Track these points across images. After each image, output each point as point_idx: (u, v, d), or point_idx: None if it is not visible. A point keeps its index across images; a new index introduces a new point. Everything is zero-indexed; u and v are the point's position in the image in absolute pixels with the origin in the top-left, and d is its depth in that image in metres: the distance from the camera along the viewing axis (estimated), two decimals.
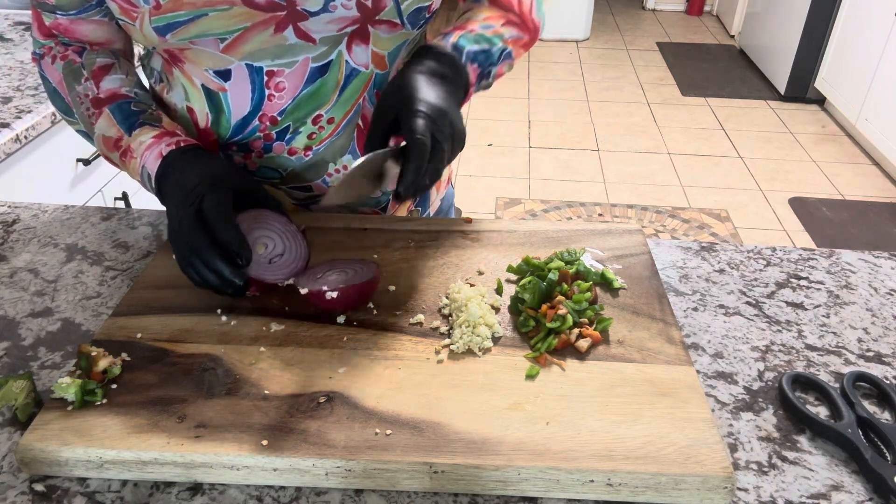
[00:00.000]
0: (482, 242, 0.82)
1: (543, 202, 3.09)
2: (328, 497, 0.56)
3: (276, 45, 0.74)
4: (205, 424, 0.57)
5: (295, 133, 0.80)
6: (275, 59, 0.75)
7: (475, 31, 0.79)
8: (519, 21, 0.85)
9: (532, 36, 0.87)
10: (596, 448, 0.55)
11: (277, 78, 0.76)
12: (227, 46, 0.73)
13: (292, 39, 0.74)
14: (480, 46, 0.79)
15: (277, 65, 0.76)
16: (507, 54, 0.83)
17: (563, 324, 0.66)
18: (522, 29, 0.85)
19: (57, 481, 0.57)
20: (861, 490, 0.56)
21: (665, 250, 0.86)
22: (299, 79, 0.77)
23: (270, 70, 0.76)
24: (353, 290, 0.68)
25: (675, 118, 3.93)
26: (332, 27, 0.74)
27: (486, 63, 0.80)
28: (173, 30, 0.71)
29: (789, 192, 3.19)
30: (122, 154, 0.77)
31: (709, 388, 0.66)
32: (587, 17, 5.06)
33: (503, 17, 0.83)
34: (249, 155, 0.82)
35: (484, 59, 0.79)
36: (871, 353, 0.71)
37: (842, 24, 3.69)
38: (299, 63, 0.76)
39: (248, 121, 0.79)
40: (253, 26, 0.72)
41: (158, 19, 0.70)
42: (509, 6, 0.84)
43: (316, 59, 0.76)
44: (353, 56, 0.78)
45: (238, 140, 0.81)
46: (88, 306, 0.76)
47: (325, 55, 0.76)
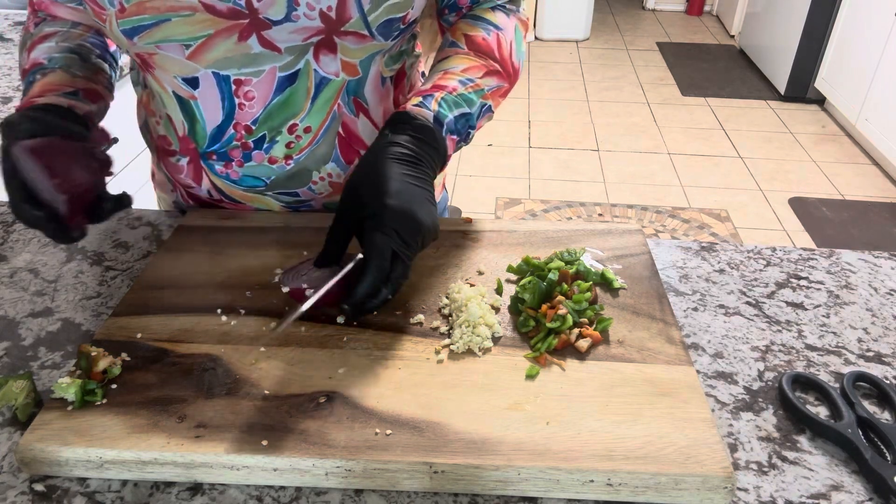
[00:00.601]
0: (482, 242, 0.82)
1: (543, 202, 3.09)
2: (328, 497, 0.56)
3: (242, 53, 0.73)
4: (205, 424, 0.57)
5: (272, 142, 0.80)
6: (241, 67, 0.74)
7: (456, 90, 0.75)
8: (500, 69, 0.81)
9: (512, 82, 0.83)
10: (596, 448, 0.55)
11: (246, 87, 0.75)
12: (192, 53, 0.73)
13: (257, 48, 0.73)
14: (461, 111, 0.75)
15: (244, 73, 0.75)
16: (487, 109, 0.80)
17: (563, 324, 0.66)
18: (503, 77, 0.81)
19: (57, 481, 0.57)
20: (861, 490, 0.56)
21: (665, 250, 0.86)
22: (268, 88, 0.76)
23: (238, 79, 0.75)
24: (333, 288, 0.65)
25: (675, 118, 3.93)
26: (296, 37, 0.72)
27: (466, 128, 0.76)
28: (139, 33, 0.71)
29: (789, 192, 3.19)
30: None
31: (709, 388, 0.66)
32: (587, 17, 5.06)
33: (483, 66, 0.79)
34: (230, 164, 0.82)
35: (463, 124, 0.76)
36: (871, 353, 0.71)
37: (842, 24, 3.69)
38: (266, 72, 0.75)
39: (223, 129, 0.79)
40: (216, 34, 0.71)
41: (124, 22, 0.70)
42: (489, 52, 0.80)
43: (283, 69, 0.75)
44: (321, 65, 0.76)
45: (216, 149, 0.81)
46: (88, 306, 0.76)
47: (292, 64, 0.75)
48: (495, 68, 0.80)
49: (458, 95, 0.75)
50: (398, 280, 0.64)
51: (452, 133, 0.75)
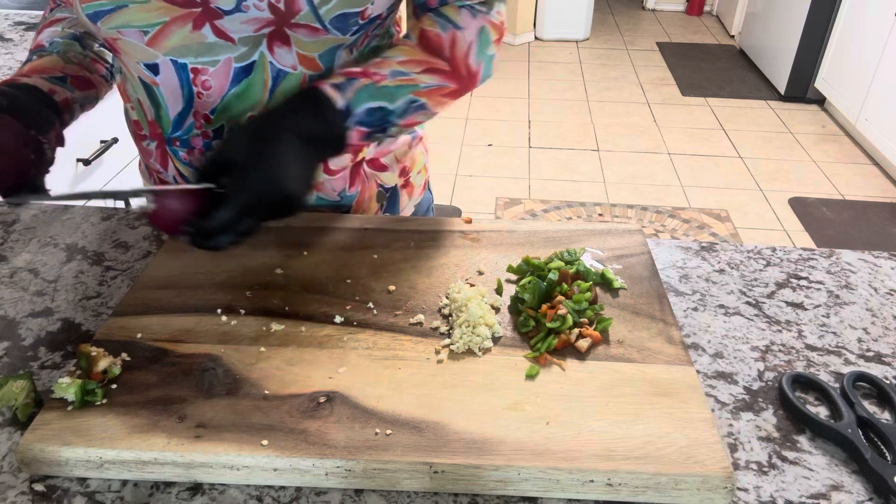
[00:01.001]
0: (482, 242, 0.82)
1: (543, 202, 3.09)
2: (328, 497, 0.56)
3: (198, 42, 0.73)
4: (205, 424, 0.57)
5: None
6: (198, 56, 0.75)
7: (382, 80, 0.73)
8: (447, 68, 0.77)
9: (464, 83, 0.80)
10: (596, 448, 0.55)
11: (203, 76, 0.76)
12: (151, 40, 0.74)
13: (211, 38, 0.73)
14: (377, 104, 0.73)
15: (201, 62, 0.75)
16: (419, 106, 0.76)
17: (563, 324, 0.66)
18: (449, 76, 0.78)
19: (57, 481, 0.57)
20: (861, 490, 0.56)
21: (665, 250, 0.86)
22: (224, 78, 0.76)
23: (195, 67, 0.75)
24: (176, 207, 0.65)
25: (675, 118, 3.93)
26: (247, 27, 0.72)
27: (381, 122, 0.74)
28: (101, 18, 0.72)
29: (789, 192, 3.19)
30: None
31: (709, 388, 0.66)
32: (587, 17, 5.06)
33: (426, 63, 0.76)
34: (192, 151, 0.82)
35: (378, 118, 0.74)
36: (871, 353, 0.71)
37: (842, 24, 3.69)
38: (222, 62, 0.75)
39: (183, 117, 0.79)
40: (172, 21, 0.72)
41: (87, 7, 0.72)
42: (437, 49, 0.77)
43: (238, 59, 0.75)
44: (276, 57, 0.75)
45: (179, 136, 0.81)
46: (88, 306, 0.76)
47: (247, 56, 0.75)
48: (439, 66, 0.77)
49: (381, 87, 0.73)
50: (242, 232, 0.66)
51: (362, 124, 0.73)
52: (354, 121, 0.72)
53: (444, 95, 0.79)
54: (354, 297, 0.73)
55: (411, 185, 0.99)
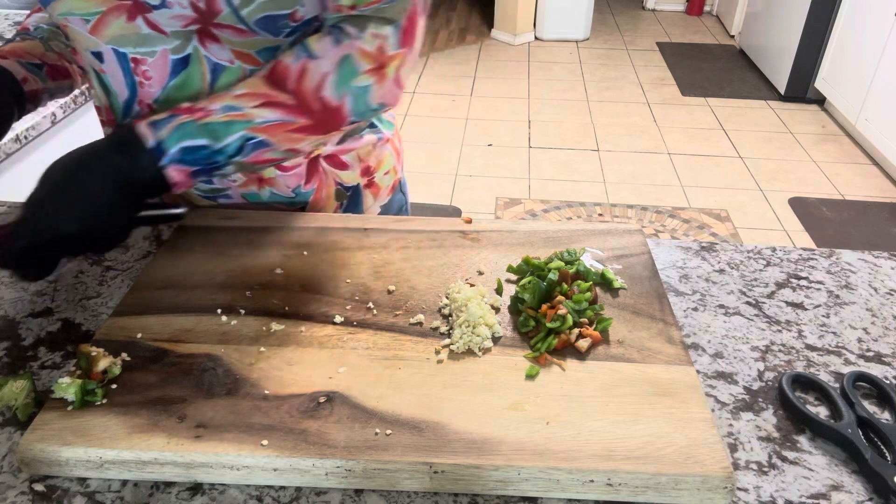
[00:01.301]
0: (482, 242, 0.82)
1: (543, 202, 3.09)
2: (328, 497, 0.56)
3: (134, 33, 0.74)
4: (205, 424, 0.57)
5: None
6: (136, 46, 0.75)
7: (205, 118, 0.69)
8: (291, 102, 0.71)
9: (320, 119, 0.73)
10: (596, 448, 0.55)
11: (143, 66, 0.76)
12: (93, 28, 0.74)
13: (145, 29, 0.73)
14: (197, 142, 0.69)
15: (140, 53, 0.75)
16: (257, 144, 0.71)
17: (563, 324, 0.66)
18: (295, 111, 0.72)
19: (57, 481, 0.57)
20: (861, 490, 0.56)
21: (665, 250, 0.86)
22: (163, 69, 0.76)
23: (135, 57, 0.76)
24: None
25: (675, 118, 3.93)
26: (175, 23, 0.73)
27: (207, 160, 0.70)
28: (49, 3, 0.73)
29: (789, 192, 3.19)
30: None
31: (709, 388, 0.66)
32: (587, 17, 5.06)
33: (264, 96, 0.71)
34: None
35: (203, 156, 0.70)
36: (871, 353, 0.71)
37: (842, 24, 3.69)
38: (159, 53, 0.75)
39: (130, 105, 0.80)
40: (108, 11, 0.73)
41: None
42: (280, 81, 0.71)
43: (174, 52, 0.75)
44: (210, 52, 0.75)
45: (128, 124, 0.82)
46: (88, 306, 0.76)
47: (182, 48, 0.75)
48: (280, 100, 0.71)
49: (204, 124, 0.69)
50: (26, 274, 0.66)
51: (182, 163, 0.69)
52: (170, 160, 0.69)
53: (295, 131, 0.73)
54: (354, 297, 0.73)
55: (376, 186, 0.98)
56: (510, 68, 4.60)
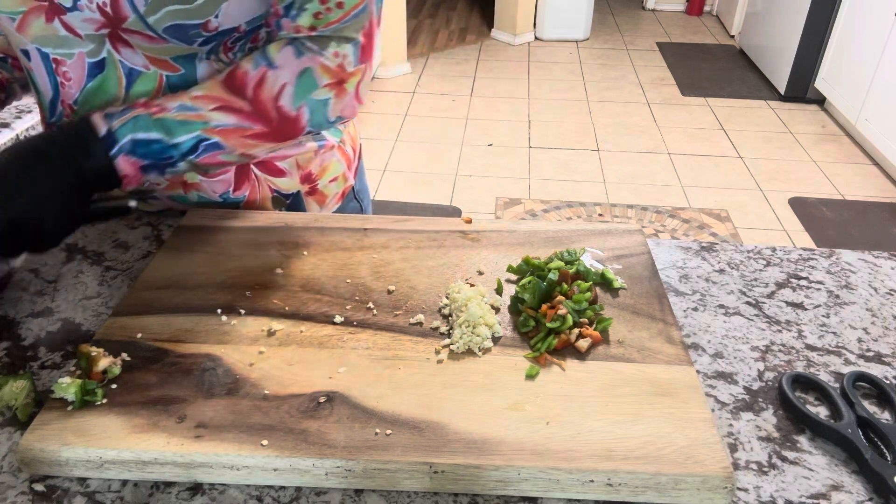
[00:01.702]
0: (482, 242, 0.82)
1: (543, 202, 3.09)
2: (328, 497, 0.56)
3: (53, 34, 0.74)
4: (205, 424, 0.57)
5: None
6: (56, 47, 0.75)
7: (162, 112, 0.70)
8: (247, 108, 0.72)
9: (276, 127, 0.74)
10: (596, 448, 0.55)
11: (63, 67, 0.77)
12: (18, 26, 0.75)
13: (62, 31, 0.74)
14: (149, 135, 0.70)
15: (59, 54, 0.76)
16: (212, 145, 0.72)
17: (563, 324, 0.66)
18: (251, 118, 0.73)
19: (57, 481, 0.57)
20: (861, 490, 0.56)
21: (665, 250, 0.86)
22: (81, 71, 0.77)
23: (56, 58, 0.76)
24: None
25: (675, 118, 3.93)
26: (88, 26, 0.73)
27: (159, 155, 0.71)
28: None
29: (789, 192, 3.20)
30: None
31: (709, 388, 0.66)
32: (587, 17, 5.06)
33: (220, 100, 0.72)
34: None
35: (157, 150, 0.70)
36: (871, 353, 0.71)
37: (842, 24, 3.69)
38: (76, 56, 0.76)
39: (54, 104, 0.80)
40: (29, 11, 0.73)
41: None
42: (238, 87, 0.72)
43: (90, 55, 0.76)
44: (124, 56, 0.75)
45: (56, 122, 0.82)
46: (88, 306, 0.76)
47: (96, 52, 0.75)
48: (237, 106, 0.72)
49: (158, 120, 0.70)
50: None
51: (132, 154, 0.69)
52: (120, 150, 0.69)
53: (250, 137, 0.74)
54: (354, 297, 0.73)
55: (321, 194, 0.96)
56: (510, 68, 4.60)
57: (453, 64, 4.64)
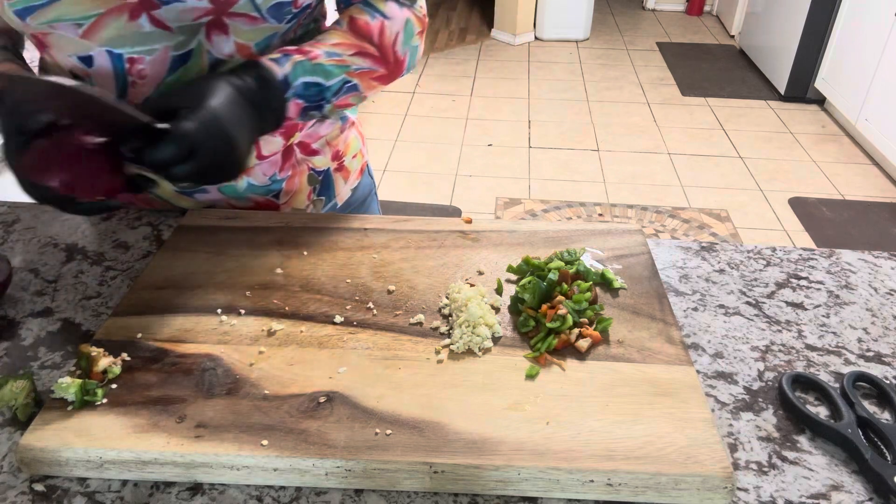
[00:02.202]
0: (482, 242, 0.82)
1: (543, 202, 3.09)
2: (328, 497, 0.56)
3: (134, 32, 0.73)
4: (205, 424, 0.57)
5: None
6: (134, 46, 0.75)
7: (317, 58, 0.76)
8: (376, 53, 0.81)
9: (392, 70, 0.84)
10: (596, 448, 0.55)
11: (139, 65, 0.76)
12: (86, 32, 0.73)
13: (148, 27, 0.73)
14: (313, 79, 0.76)
15: (137, 52, 0.75)
16: (352, 87, 0.81)
17: (563, 324, 0.66)
18: (378, 61, 0.82)
19: (57, 481, 0.57)
20: (861, 490, 0.56)
21: (665, 250, 0.86)
22: (161, 67, 0.76)
23: (131, 57, 0.75)
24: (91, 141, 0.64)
25: (675, 118, 3.93)
26: (186, 16, 0.73)
27: (317, 97, 0.78)
28: (31, 13, 0.71)
29: (789, 192, 3.19)
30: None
31: (709, 388, 0.66)
32: (587, 17, 5.06)
33: (356, 46, 0.80)
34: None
35: (314, 93, 0.77)
36: (871, 353, 0.71)
37: (842, 24, 3.69)
38: (159, 51, 0.75)
39: None
40: (107, 12, 0.72)
41: (15, 3, 0.70)
42: (367, 35, 0.81)
43: (176, 48, 0.75)
44: (214, 46, 0.76)
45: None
46: (88, 306, 0.76)
47: (185, 44, 0.75)
48: (369, 51, 0.81)
49: (317, 64, 0.77)
50: (174, 174, 0.66)
51: (300, 98, 0.76)
52: (293, 93, 0.75)
53: (374, 79, 0.83)
54: (354, 297, 0.73)
55: (346, 170, 1.01)
56: (510, 68, 4.60)
57: (453, 64, 4.64)
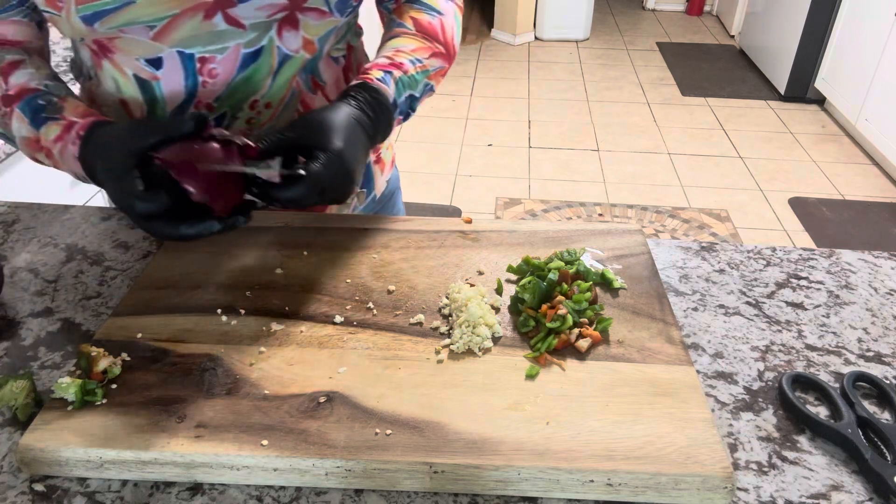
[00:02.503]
0: (482, 242, 0.82)
1: (543, 202, 3.09)
2: (328, 497, 0.56)
3: (207, 31, 0.74)
4: (205, 424, 0.57)
5: (233, 119, 0.81)
6: (206, 45, 0.75)
7: (409, 71, 0.80)
8: (443, 51, 0.86)
9: (451, 63, 0.89)
10: (596, 448, 0.55)
11: (210, 64, 0.76)
12: (158, 34, 0.73)
13: (222, 26, 0.74)
14: (409, 92, 0.81)
15: (209, 51, 0.75)
16: (430, 88, 0.85)
17: (563, 324, 0.66)
18: (444, 58, 0.86)
19: (57, 481, 0.57)
20: (861, 490, 0.56)
21: (665, 250, 0.86)
22: (232, 65, 0.77)
23: (202, 57, 0.76)
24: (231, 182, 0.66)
25: (675, 118, 3.93)
26: (261, 14, 0.74)
27: (409, 108, 0.82)
28: (101, 18, 0.71)
29: (789, 192, 3.19)
30: (46, 154, 0.75)
31: (709, 388, 0.66)
32: (587, 17, 5.06)
33: (430, 48, 0.84)
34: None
35: (407, 105, 0.81)
36: (871, 353, 0.71)
37: (842, 24, 3.69)
38: (231, 49, 0.76)
39: (184, 109, 0.79)
40: (182, 13, 0.72)
41: (85, 8, 0.70)
42: (434, 35, 0.85)
43: (247, 45, 0.76)
44: (284, 42, 0.78)
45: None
46: (88, 306, 0.76)
47: (256, 41, 0.76)
48: (439, 50, 0.85)
49: (410, 77, 0.81)
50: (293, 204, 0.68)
51: (399, 114, 0.80)
52: (399, 112, 0.80)
53: (442, 76, 0.87)
54: (354, 297, 0.73)
55: (382, 161, 1.02)
56: (510, 68, 4.60)
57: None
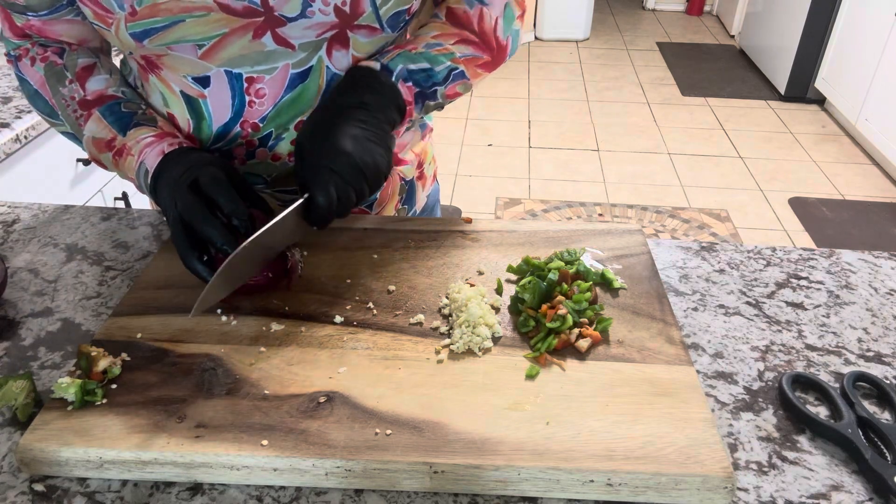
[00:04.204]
0: (482, 242, 0.82)
1: (543, 202, 3.09)
2: (328, 497, 0.56)
3: (256, 51, 0.73)
4: (205, 424, 0.57)
5: (278, 139, 0.80)
6: (254, 65, 0.75)
7: (416, 49, 0.77)
8: (477, 40, 0.81)
9: (496, 56, 0.84)
10: (596, 448, 0.55)
11: (258, 84, 0.76)
12: (206, 53, 0.73)
13: (271, 46, 0.73)
14: (418, 65, 0.77)
15: (257, 71, 0.75)
16: (459, 74, 0.80)
17: (563, 324, 0.66)
18: (481, 48, 0.82)
19: (57, 481, 0.57)
20: (861, 490, 0.56)
21: (665, 250, 0.86)
22: (280, 85, 0.76)
23: (250, 76, 0.75)
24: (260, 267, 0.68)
25: (675, 118, 3.93)
26: (310, 33, 0.73)
27: (428, 82, 0.78)
28: (150, 36, 0.71)
29: (789, 192, 3.20)
30: (115, 153, 0.77)
31: (709, 388, 0.66)
32: (587, 17, 5.06)
33: (457, 34, 0.80)
34: (232, 161, 0.81)
35: (423, 77, 0.77)
36: (871, 353, 0.71)
37: (842, 24, 3.69)
38: (279, 69, 0.75)
39: (229, 127, 0.79)
40: (231, 32, 0.72)
41: (135, 25, 0.70)
42: (466, 23, 0.81)
43: (296, 66, 0.76)
44: (333, 61, 0.77)
45: (220, 147, 0.80)
46: (88, 306, 0.76)
47: (306, 61, 0.76)
48: (470, 38, 0.81)
49: (418, 53, 0.77)
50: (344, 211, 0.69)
51: (407, 80, 0.76)
52: (399, 76, 0.76)
53: (479, 66, 0.83)
54: (354, 297, 0.73)
55: (425, 177, 1.01)
56: (510, 68, 4.60)
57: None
